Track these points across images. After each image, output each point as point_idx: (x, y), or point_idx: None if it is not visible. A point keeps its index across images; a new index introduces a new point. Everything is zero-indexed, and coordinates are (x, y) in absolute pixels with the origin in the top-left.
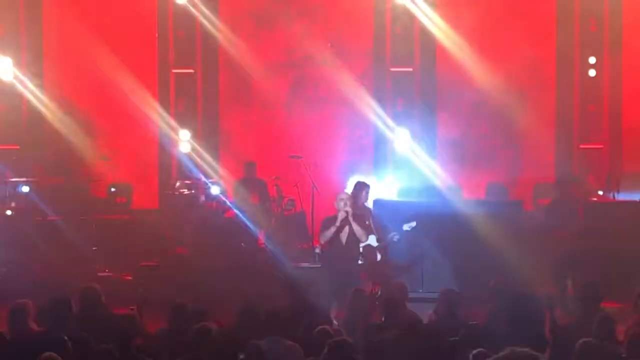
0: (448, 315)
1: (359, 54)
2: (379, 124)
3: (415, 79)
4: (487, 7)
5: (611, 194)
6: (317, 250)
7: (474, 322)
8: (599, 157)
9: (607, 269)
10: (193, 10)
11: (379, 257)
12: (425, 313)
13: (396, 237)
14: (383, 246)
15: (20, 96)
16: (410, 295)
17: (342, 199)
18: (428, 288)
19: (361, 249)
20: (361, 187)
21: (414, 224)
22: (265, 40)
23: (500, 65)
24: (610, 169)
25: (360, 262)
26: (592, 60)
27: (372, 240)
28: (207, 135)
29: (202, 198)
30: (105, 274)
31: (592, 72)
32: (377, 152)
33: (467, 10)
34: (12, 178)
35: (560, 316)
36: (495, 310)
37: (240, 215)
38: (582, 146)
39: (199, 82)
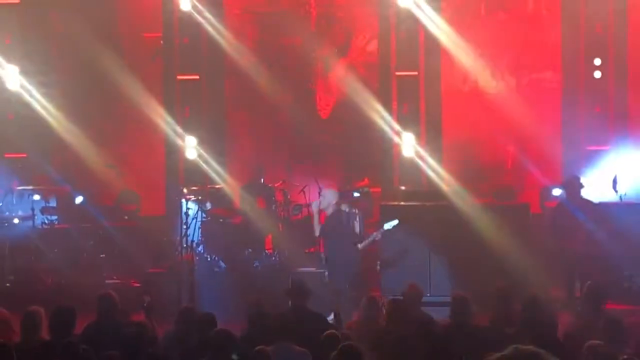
0: (461, 320)
1: (363, 58)
2: (385, 128)
3: (420, 84)
4: (492, 11)
5: (618, 196)
6: (324, 255)
7: (482, 326)
8: (605, 158)
9: (614, 271)
10: (198, 16)
11: None
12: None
13: (378, 237)
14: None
15: (28, 105)
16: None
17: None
18: (435, 292)
19: None
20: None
21: (396, 222)
22: (270, 46)
23: (505, 68)
24: (617, 171)
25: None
26: (597, 61)
27: None
28: (213, 141)
29: (209, 204)
30: (113, 281)
31: (597, 74)
32: (383, 156)
33: (471, 15)
34: (19, 186)
35: (568, 319)
36: (500, 314)
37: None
38: (588, 148)
39: (205, 89)
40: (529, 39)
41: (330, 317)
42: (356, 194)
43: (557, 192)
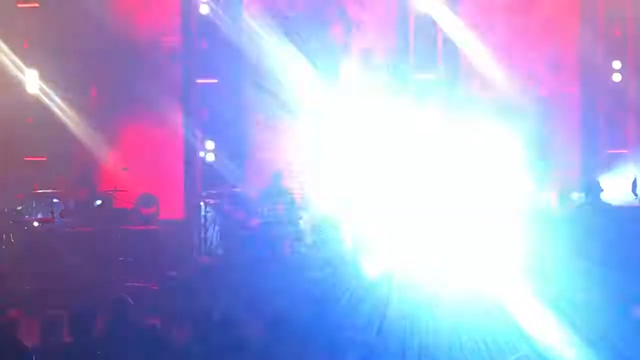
0: None
1: (382, 61)
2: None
3: (440, 86)
4: (510, 14)
5: (638, 200)
6: None
7: None
8: (624, 162)
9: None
10: (217, 20)
11: None
12: None
13: None
14: None
15: (47, 108)
16: None
17: None
18: None
19: None
20: None
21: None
22: (289, 49)
23: (524, 72)
24: (636, 174)
25: None
26: (616, 65)
27: None
28: (232, 144)
29: (227, 207)
30: (132, 284)
31: (616, 77)
32: None
33: (489, 17)
34: (39, 189)
35: None
36: None
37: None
38: (608, 151)
39: (223, 92)
40: (549, 42)
41: None
42: None
43: (575, 195)
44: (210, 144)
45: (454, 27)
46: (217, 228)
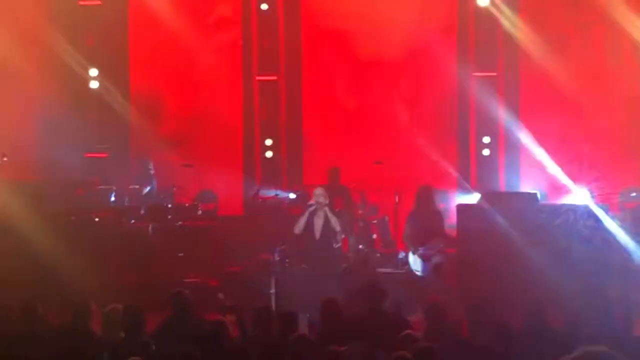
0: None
1: (442, 58)
2: (463, 129)
3: (499, 84)
4: (571, 12)
5: None
6: (401, 256)
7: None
8: None
9: None
10: (277, 17)
11: None
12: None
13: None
14: None
15: (108, 105)
16: None
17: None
18: None
19: None
20: None
21: None
22: (348, 45)
23: (585, 69)
24: None
25: None
26: None
27: None
28: (290, 141)
29: (286, 203)
30: (191, 279)
31: None
32: (461, 157)
33: (550, 15)
34: (99, 186)
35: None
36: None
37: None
38: None
39: (283, 90)
40: (612, 38)
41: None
42: None
43: (636, 193)
44: (269, 141)
45: (514, 24)
46: (275, 223)
